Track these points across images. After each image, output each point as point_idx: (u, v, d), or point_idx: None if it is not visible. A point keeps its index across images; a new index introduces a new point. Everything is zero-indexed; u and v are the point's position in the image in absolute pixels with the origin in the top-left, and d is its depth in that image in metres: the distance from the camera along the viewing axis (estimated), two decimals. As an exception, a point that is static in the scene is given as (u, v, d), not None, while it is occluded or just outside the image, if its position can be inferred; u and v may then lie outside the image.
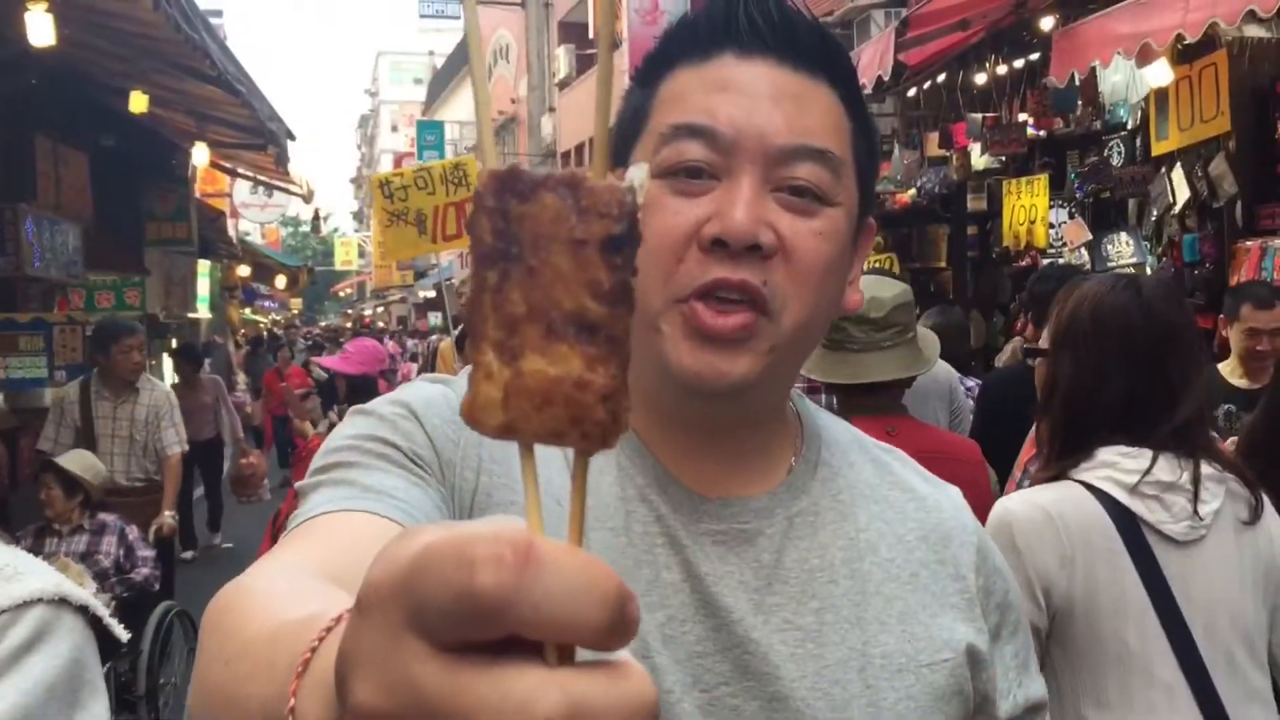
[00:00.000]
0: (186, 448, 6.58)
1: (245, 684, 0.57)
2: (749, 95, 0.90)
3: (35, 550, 5.26)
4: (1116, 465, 2.00)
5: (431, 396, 0.95)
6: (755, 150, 0.89)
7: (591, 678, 0.38)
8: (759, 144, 0.89)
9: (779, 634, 0.94)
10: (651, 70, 0.97)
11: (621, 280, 0.42)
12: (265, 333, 28.53)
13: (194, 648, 5.34)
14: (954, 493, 1.10)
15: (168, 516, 6.02)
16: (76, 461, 5.47)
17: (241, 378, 15.50)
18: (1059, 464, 2.08)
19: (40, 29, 5.56)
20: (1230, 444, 4.20)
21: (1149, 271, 8.06)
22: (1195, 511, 1.98)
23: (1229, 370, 4.65)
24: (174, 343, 12.14)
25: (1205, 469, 2.01)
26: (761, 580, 0.95)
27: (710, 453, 0.98)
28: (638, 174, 0.42)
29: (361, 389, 7.35)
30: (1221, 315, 4.79)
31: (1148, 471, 1.98)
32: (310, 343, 26.07)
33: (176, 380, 9.53)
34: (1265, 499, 2.10)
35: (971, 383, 4.88)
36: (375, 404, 0.94)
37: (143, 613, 5.28)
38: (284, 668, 0.52)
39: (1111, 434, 2.04)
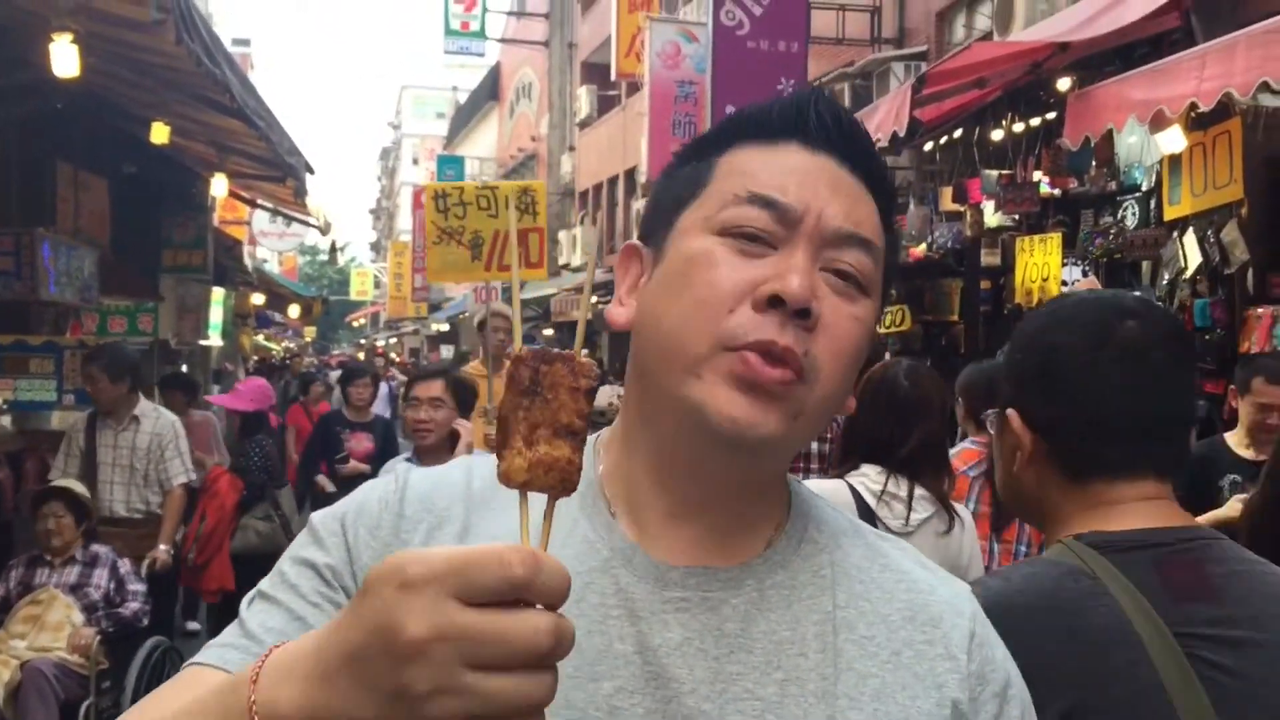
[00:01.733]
0: (194, 477, 6.38)
1: None
2: (815, 181, 0.99)
3: (26, 580, 5.22)
4: (869, 476, 3.07)
5: (368, 503, 1.03)
6: (814, 228, 0.97)
7: (559, 618, 0.68)
8: (818, 223, 0.97)
9: (735, 704, 0.93)
10: (708, 146, 1.05)
11: (589, 411, 0.75)
12: (279, 359, 28.57)
13: None
14: (960, 586, 1.07)
15: (163, 550, 5.90)
16: (74, 485, 5.48)
17: (251, 405, 15.47)
18: (838, 470, 3.19)
19: (64, 60, 5.58)
20: (1235, 507, 4.18)
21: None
22: (908, 517, 3.02)
23: (1236, 441, 4.62)
24: (182, 368, 12.11)
25: (920, 491, 3.06)
26: (723, 649, 0.95)
27: (688, 522, 1.00)
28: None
29: (255, 424, 7.73)
30: (1232, 386, 4.77)
31: (885, 486, 3.05)
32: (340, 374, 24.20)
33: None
34: (960, 519, 3.14)
35: None
36: (323, 516, 1.04)
37: (131, 647, 5.21)
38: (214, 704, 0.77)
39: (865, 457, 3.12)
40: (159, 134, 7.54)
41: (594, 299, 21.95)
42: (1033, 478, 1.50)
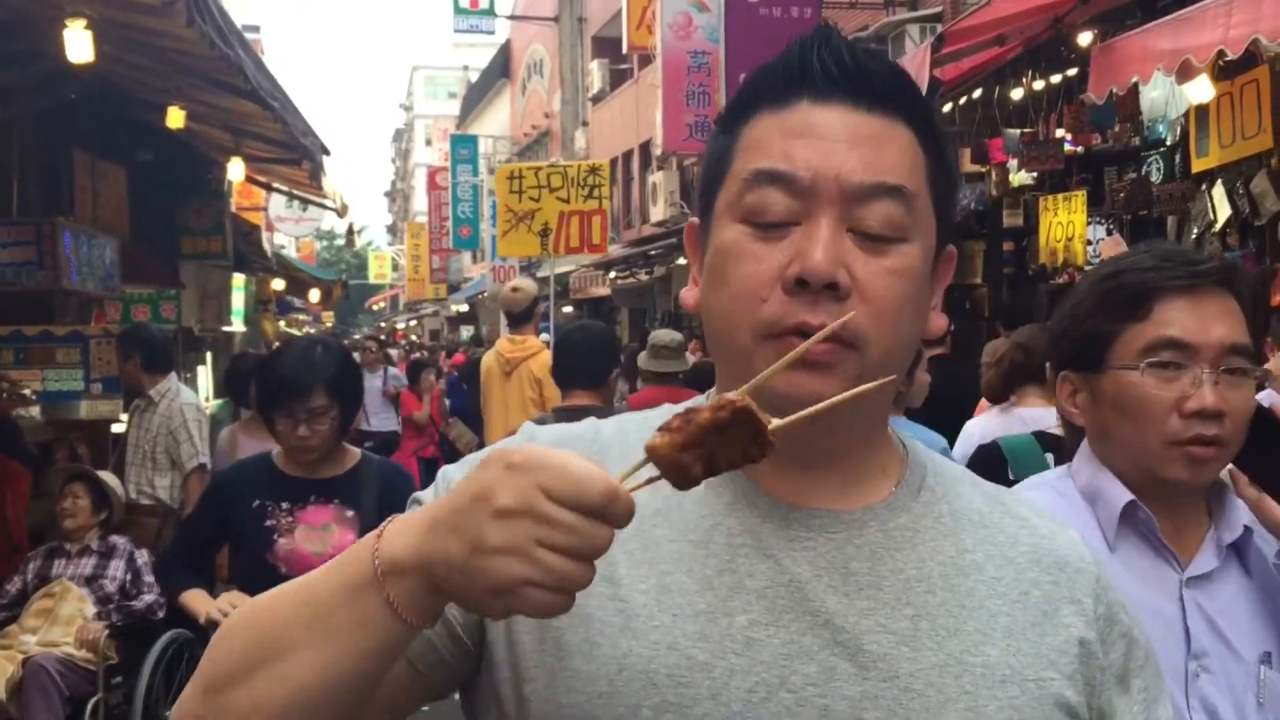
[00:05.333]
0: (205, 460, 6.00)
1: (286, 623, 0.89)
2: (825, 139, 0.96)
3: (43, 572, 5.11)
4: None
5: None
6: (832, 192, 0.95)
7: (612, 531, 0.80)
8: (835, 186, 0.95)
9: (869, 635, 0.96)
10: (733, 116, 1.03)
11: (744, 464, 0.84)
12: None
13: None
14: (1073, 532, 1.11)
15: None
16: (108, 478, 5.42)
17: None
18: None
19: (78, 46, 5.57)
20: None
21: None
22: None
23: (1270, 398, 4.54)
24: (207, 355, 12.08)
25: None
26: (851, 586, 0.97)
27: (804, 473, 1.02)
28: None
29: None
30: (1269, 339, 4.70)
31: None
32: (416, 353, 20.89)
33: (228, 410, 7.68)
34: None
35: None
36: (461, 463, 1.09)
37: (147, 640, 4.94)
38: (325, 577, 0.90)
39: None
40: (174, 119, 7.52)
41: (612, 274, 21.90)
42: None
